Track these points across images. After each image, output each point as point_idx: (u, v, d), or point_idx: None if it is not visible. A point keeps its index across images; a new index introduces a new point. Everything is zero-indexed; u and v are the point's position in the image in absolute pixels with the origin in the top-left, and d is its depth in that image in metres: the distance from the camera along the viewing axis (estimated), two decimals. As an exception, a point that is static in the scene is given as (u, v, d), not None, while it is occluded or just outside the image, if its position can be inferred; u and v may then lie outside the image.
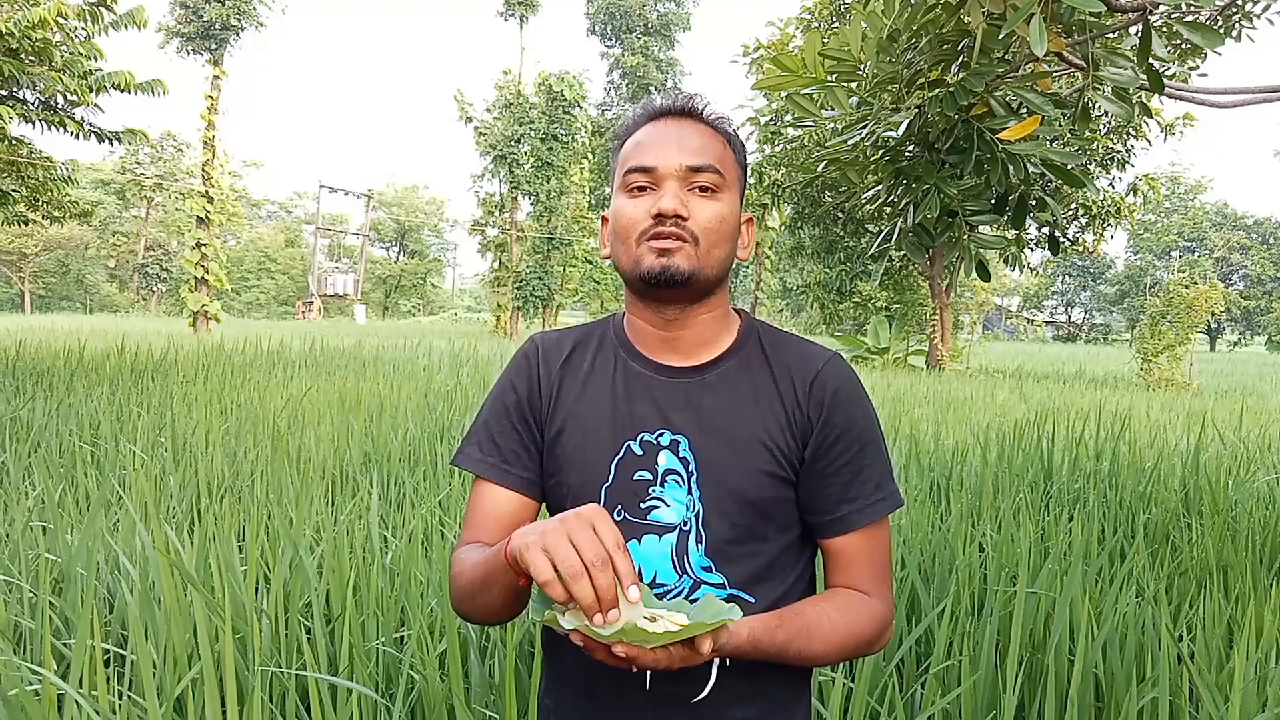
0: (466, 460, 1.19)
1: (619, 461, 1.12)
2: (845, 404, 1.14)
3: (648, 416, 1.14)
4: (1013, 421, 6.55)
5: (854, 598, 1.12)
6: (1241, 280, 64.59)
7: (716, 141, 1.13)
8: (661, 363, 1.17)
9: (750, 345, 1.18)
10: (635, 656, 0.88)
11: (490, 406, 1.21)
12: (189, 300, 25.80)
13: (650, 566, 1.10)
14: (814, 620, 1.06)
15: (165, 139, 53.74)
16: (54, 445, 4.91)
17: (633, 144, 1.14)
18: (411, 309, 69.15)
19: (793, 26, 18.20)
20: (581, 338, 1.23)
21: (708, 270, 1.10)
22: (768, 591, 1.12)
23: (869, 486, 1.14)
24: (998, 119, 2.66)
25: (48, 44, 9.50)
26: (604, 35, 38.45)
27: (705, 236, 1.09)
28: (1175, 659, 2.28)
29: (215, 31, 24.87)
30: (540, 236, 32.00)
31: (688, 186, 1.10)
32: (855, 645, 1.10)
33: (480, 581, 1.05)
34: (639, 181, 1.10)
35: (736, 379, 1.15)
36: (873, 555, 1.15)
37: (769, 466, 1.11)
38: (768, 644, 1.01)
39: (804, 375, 1.15)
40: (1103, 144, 16.62)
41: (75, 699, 1.87)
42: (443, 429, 5.76)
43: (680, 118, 1.13)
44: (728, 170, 1.13)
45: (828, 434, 1.13)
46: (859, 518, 1.13)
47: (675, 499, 1.11)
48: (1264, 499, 4.25)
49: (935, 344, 20.82)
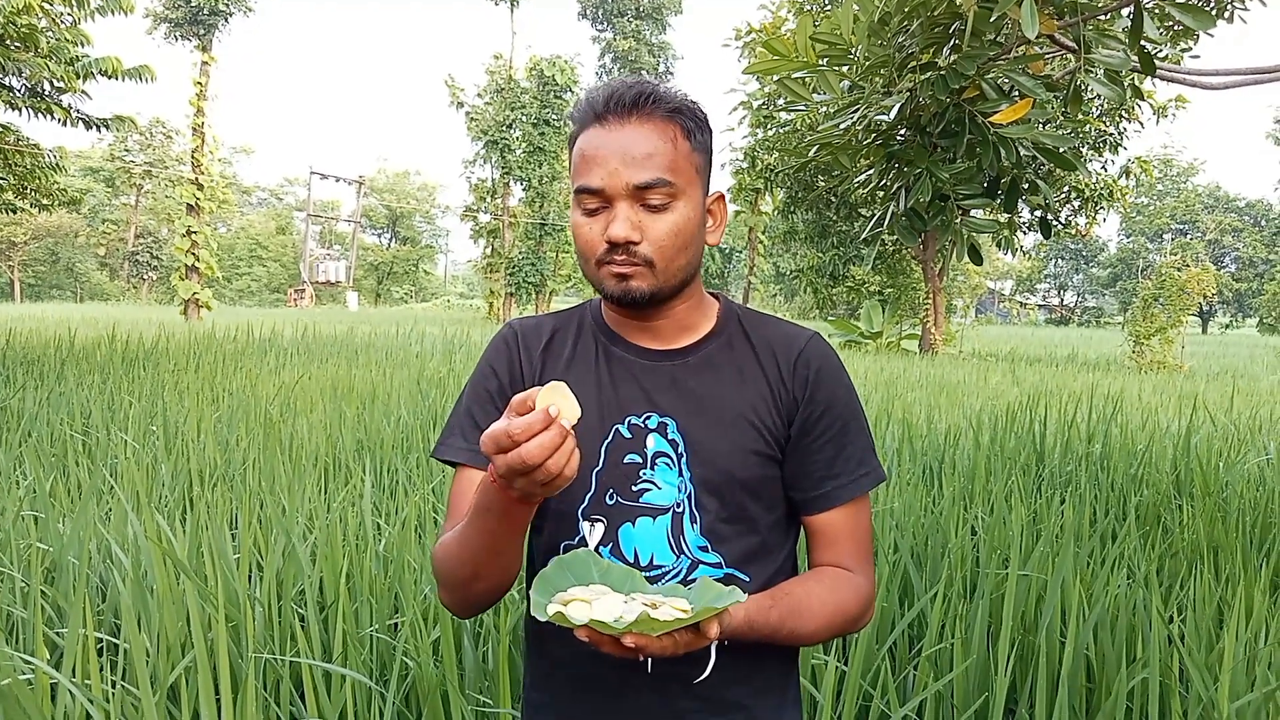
0: (450, 451, 1.17)
1: (608, 445, 1.13)
2: (828, 381, 1.16)
3: (634, 400, 1.14)
4: (1005, 405, 6.57)
5: (840, 575, 1.14)
6: (1233, 263, 64.76)
7: (666, 140, 1.07)
8: (644, 346, 1.17)
9: (731, 327, 1.19)
10: (644, 646, 0.89)
11: (470, 394, 1.20)
12: (180, 288, 25.69)
13: (647, 548, 1.10)
14: (803, 599, 1.08)
15: (154, 126, 53.40)
16: (45, 434, 4.89)
17: (580, 153, 1.09)
18: (404, 296, 69.01)
19: (785, 10, 18.12)
20: (560, 323, 1.23)
21: (669, 284, 1.10)
22: (761, 570, 1.13)
23: (852, 463, 1.15)
24: (989, 102, 2.65)
25: (33, 30, 9.41)
26: (595, 19, 38.21)
27: (660, 255, 1.07)
28: (1166, 640, 2.30)
29: (203, 17, 24.66)
30: (532, 222, 31.90)
31: (639, 202, 1.07)
32: (843, 622, 1.11)
33: (476, 543, 1.02)
34: (590, 204, 1.08)
35: (720, 360, 1.16)
36: (855, 531, 1.16)
37: (757, 445, 1.12)
38: (762, 624, 1.02)
39: (787, 354, 1.16)
40: (1095, 127, 16.63)
41: (68, 688, 1.87)
42: (435, 415, 5.75)
43: (625, 116, 1.07)
44: (681, 172, 1.08)
45: (812, 410, 1.14)
46: (843, 493, 1.14)
47: (666, 481, 1.11)
48: (1254, 480, 4.27)
49: (928, 328, 20.86)
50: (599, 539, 1.11)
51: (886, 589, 2.58)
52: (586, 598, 0.94)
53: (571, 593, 0.95)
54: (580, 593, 0.95)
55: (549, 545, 1.14)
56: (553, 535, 1.14)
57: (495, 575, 1.06)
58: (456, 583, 1.08)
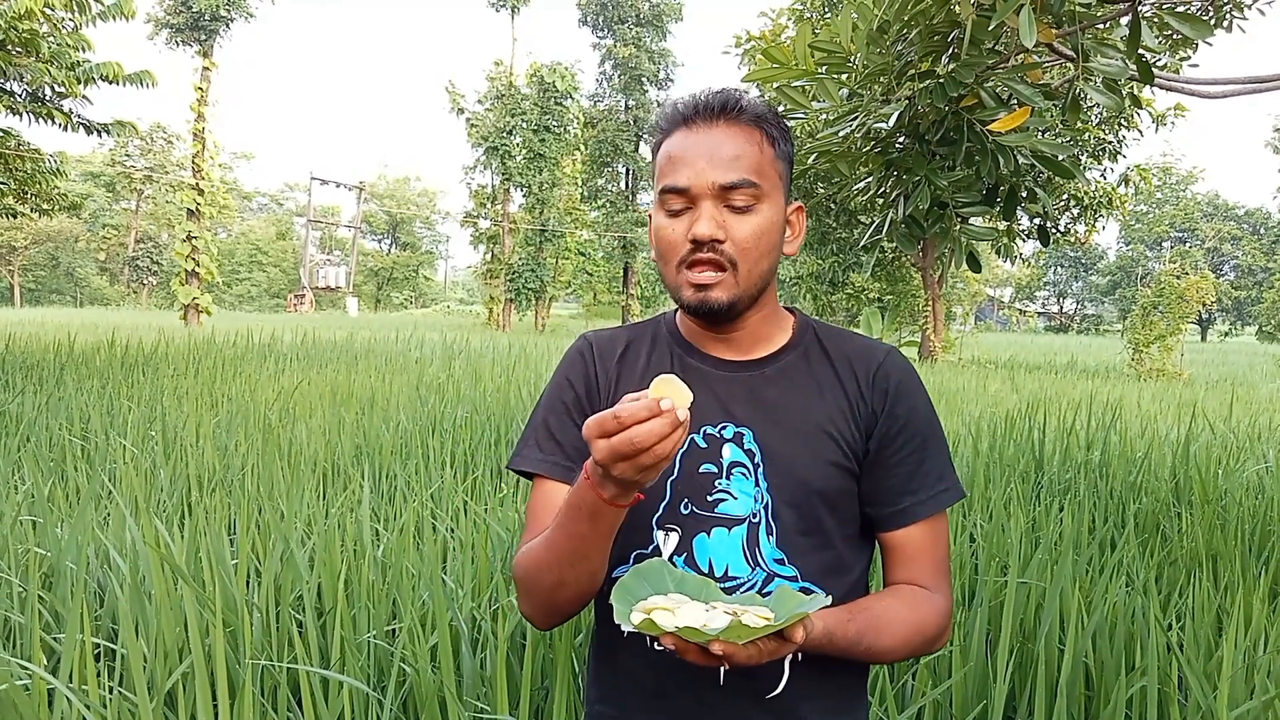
0: (527, 462, 1.16)
1: (683, 455, 1.11)
2: (908, 395, 1.14)
3: (709, 409, 1.13)
4: (1004, 412, 6.57)
5: (919, 593, 1.12)
6: (1232, 271, 64.79)
7: (753, 144, 1.08)
8: (719, 357, 1.16)
9: (808, 339, 1.18)
10: (731, 654, 0.87)
11: (546, 405, 1.19)
12: (180, 293, 25.67)
13: (722, 559, 1.09)
14: (882, 615, 1.06)
15: (155, 131, 53.50)
16: (44, 439, 4.88)
17: (666, 156, 1.09)
18: (404, 301, 69.03)
19: (785, 17, 18.15)
20: (634, 335, 1.22)
21: (749, 291, 1.10)
22: (837, 585, 1.11)
23: (931, 478, 1.14)
24: (988, 110, 2.66)
25: (35, 35, 9.42)
26: (596, 26, 38.29)
27: (744, 258, 1.07)
28: (1164, 648, 2.29)
29: (204, 23, 24.70)
30: (533, 229, 31.91)
31: (724, 204, 1.06)
32: (921, 641, 1.10)
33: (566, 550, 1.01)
34: (674, 204, 1.08)
35: (797, 372, 1.15)
36: (934, 549, 1.14)
37: (835, 457, 1.11)
38: (840, 637, 1.00)
39: (866, 367, 1.15)
40: (1094, 135, 16.64)
41: (65, 694, 1.87)
42: (434, 421, 5.74)
43: (713, 121, 1.08)
44: (766, 176, 1.08)
45: (891, 424, 1.13)
46: (922, 509, 1.12)
47: (742, 491, 1.10)
48: (1253, 488, 4.27)
49: (928, 335, 20.87)
50: (673, 548, 1.10)
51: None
52: (669, 606, 0.92)
53: (652, 601, 0.93)
54: (661, 601, 0.93)
55: (620, 555, 1.12)
56: (625, 544, 1.11)
57: (581, 582, 1.04)
58: (540, 590, 1.07)
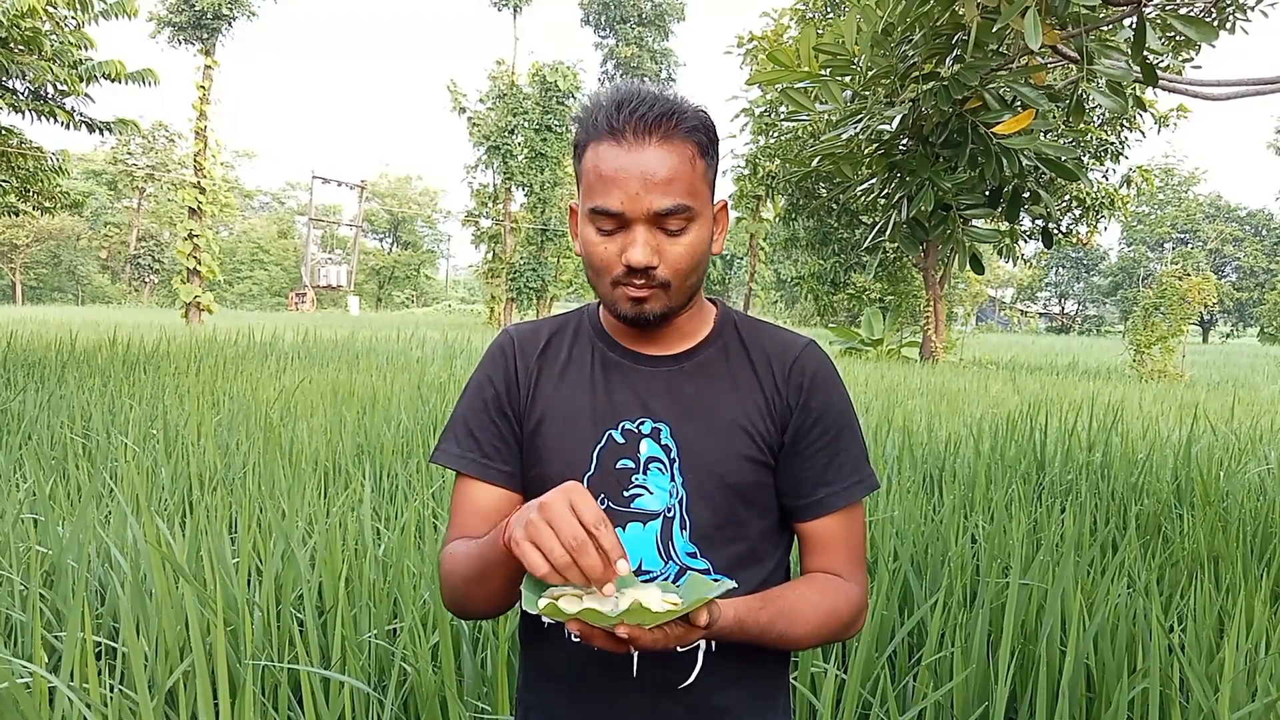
0: (445, 457, 1.19)
1: (600, 450, 1.13)
2: (823, 388, 1.16)
3: (628, 404, 1.14)
4: (1006, 413, 6.56)
5: (832, 581, 1.14)
6: (1234, 272, 64.73)
7: (685, 161, 1.05)
8: (639, 351, 1.17)
9: (728, 334, 1.19)
10: (636, 637, 0.89)
11: (467, 401, 1.21)
12: (181, 292, 25.66)
13: (636, 553, 1.11)
14: (794, 602, 1.09)
15: (157, 129, 53.50)
16: (45, 437, 4.89)
17: (595, 171, 1.05)
18: (405, 300, 69.08)
19: (787, 18, 18.14)
20: (557, 327, 1.23)
21: (681, 302, 1.11)
22: (751, 576, 1.13)
23: (846, 470, 1.16)
24: (992, 112, 2.65)
25: (37, 33, 9.42)
26: (598, 25, 38.30)
27: (676, 277, 1.08)
28: (1166, 650, 2.29)
29: (207, 21, 24.67)
30: (534, 228, 31.90)
31: (658, 227, 1.05)
32: (834, 627, 1.12)
33: (478, 574, 1.06)
34: (606, 225, 1.06)
35: (715, 367, 1.16)
36: (849, 538, 1.16)
37: (749, 451, 1.13)
38: (752, 624, 1.03)
39: (782, 361, 1.16)
40: (1096, 136, 16.63)
41: (66, 692, 1.87)
42: (436, 420, 5.75)
43: (644, 137, 1.03)
44: (698, 195, 1.07)
45: (806, 417, 1.14)
46: (836, 500, 1.15)
47: (658, 486, 1.12)
48: (1255, 490, 4.27)
49: (929, 336, 20.84)
50: None
51: (886, 597, 2.58)
52: (577, 593, 0.94)
53: (562, 589, 0.95)
54: (571, 589, 0.95)
55: None
56: None
57: (494, 604, 1.10)
58: (455, 593, 1.12)
